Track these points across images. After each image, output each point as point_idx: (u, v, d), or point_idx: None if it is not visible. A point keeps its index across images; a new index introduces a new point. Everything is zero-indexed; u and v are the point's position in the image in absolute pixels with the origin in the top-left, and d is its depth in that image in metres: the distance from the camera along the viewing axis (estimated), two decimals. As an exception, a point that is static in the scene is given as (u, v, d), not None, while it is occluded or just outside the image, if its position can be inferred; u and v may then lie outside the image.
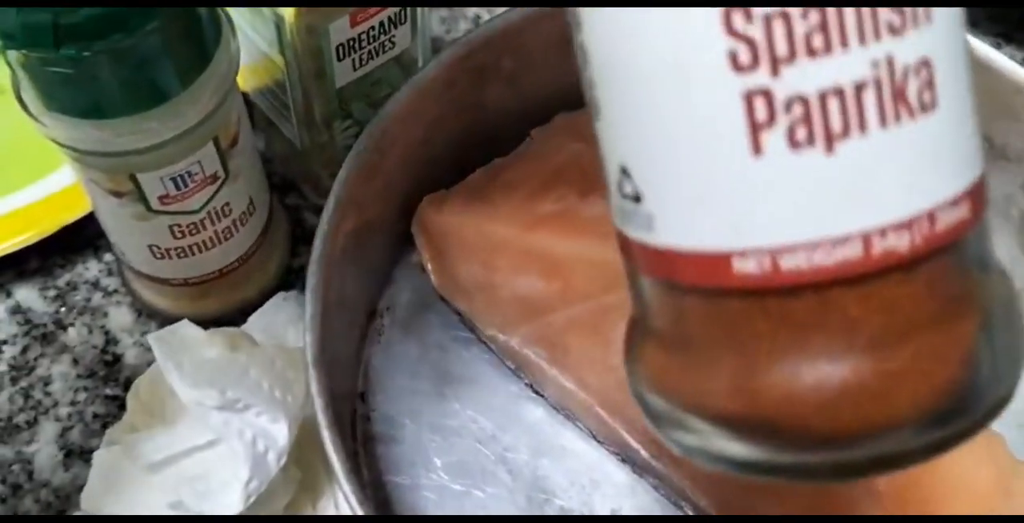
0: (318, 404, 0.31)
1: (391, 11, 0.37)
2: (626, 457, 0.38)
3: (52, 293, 0.43)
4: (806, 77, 0.18)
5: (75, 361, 0.42)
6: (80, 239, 0.44)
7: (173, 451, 0.30)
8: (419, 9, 0.38)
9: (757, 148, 0.19)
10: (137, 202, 0.34)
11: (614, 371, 0.36)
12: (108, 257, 0.44)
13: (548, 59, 0.42)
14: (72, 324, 0.43)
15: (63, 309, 0.43)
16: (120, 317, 0.43)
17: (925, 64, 0.19)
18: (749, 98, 0.19)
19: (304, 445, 0.33)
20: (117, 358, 0.42)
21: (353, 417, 0.39)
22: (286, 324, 0.37)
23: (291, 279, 0.43)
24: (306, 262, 0.34)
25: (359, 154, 0.37)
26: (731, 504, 0.36)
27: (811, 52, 0.18)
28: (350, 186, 0.37)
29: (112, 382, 0.41)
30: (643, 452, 0.37)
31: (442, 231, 0.40)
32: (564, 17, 0.22)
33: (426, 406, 0.40)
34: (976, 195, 0.20)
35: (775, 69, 0.18)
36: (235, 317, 0.41)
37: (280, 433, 0.31)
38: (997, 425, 0.38)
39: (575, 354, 0.37)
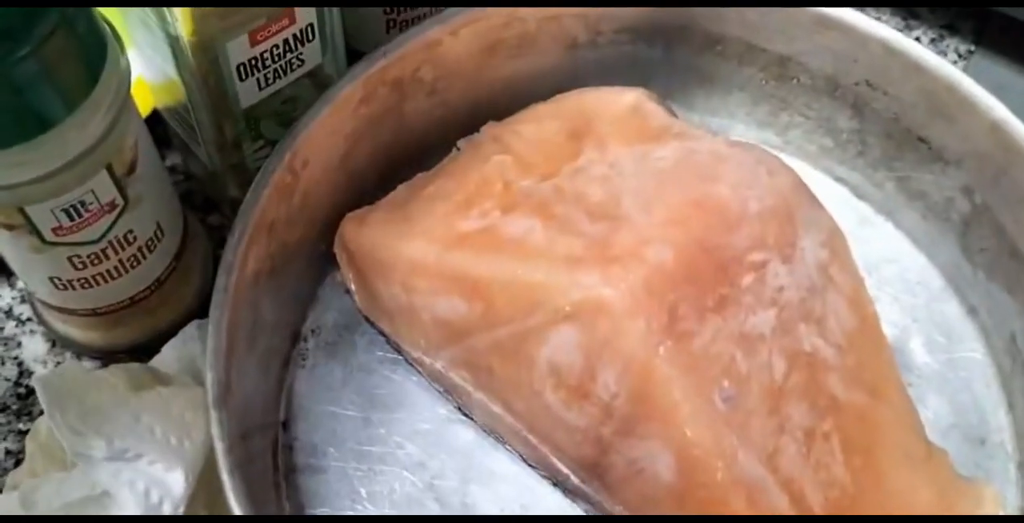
0: (220, 449, 0.30)
1: (296, 28, 0.35)
2: (557, 482, 0.37)
3: (-37, 323, 0.42)
4: None
5: (-13, 394, 0.40)
6: (-8, 265, 0.43)
7: (67, 500, 0.29)
8: (329, 23, 0.37)
9: None
10: (29, 234, 0.33)
11: (540, 396, 0.35)
12: (20, 284, 0.42)
13: (471, 67, 0.40)
14: (-16, 355, 0.41)
15: (-26, 340, 0.41)
16: (34, 347, 0.41)
17: None
18: None
19: (216, 486, 0.32)
20: (30, 391, 0.40)
21: (275, 448, 0.38)
22: (199, 355, 0.36)
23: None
24: (226, 285, 0.33)
25: (268, 174, 0.35)
26: (664, 530, 0.34)
27: None
28: (260, 209, 0.35)
29: (25, 417, 0.39)
30: (573, 477, 0.35)
31: (363, 250, 0.38)
32: None
33: (351, 433, 0.38)
34: None
35: None
36: (153, 344, 0.40)
37: (176, 482, 0.30)
38: (944, 440, 0.37)
39: (500, 378, 0.35)
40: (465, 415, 0.39)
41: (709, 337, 0.32)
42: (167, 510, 0.29)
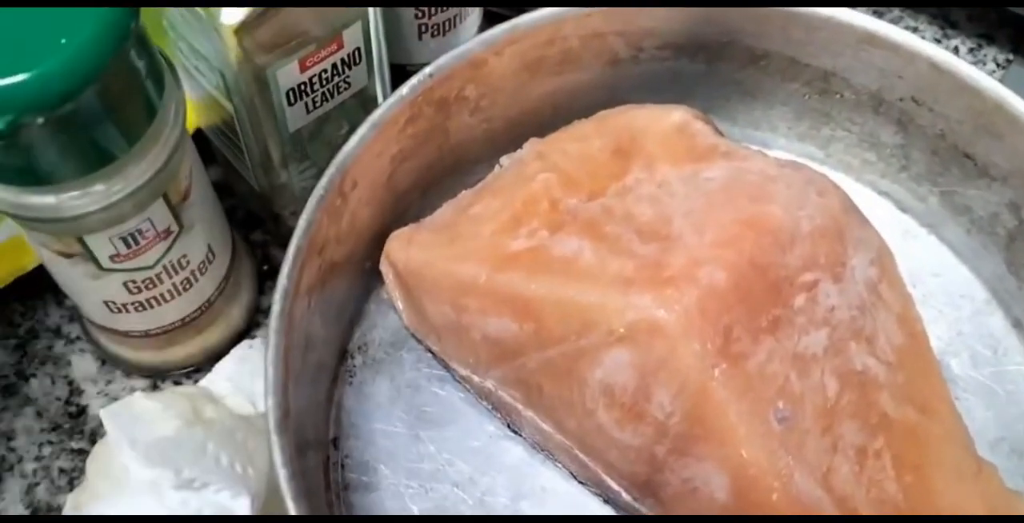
0: (283, 476, 0.30)
1: (344, 52, 0.36)
2: (608, 498, 0.37)
3: (12, 342, 0.42)
4: None
5: (39, 414, 0.40)
6: (39, 283, 0.43)
7: (137, 528, 0.29)
8: (375, 47, 0.37)
9: None
10: (87, 262, 0.33)
11: (592, 416, 0.35)
12: (69, 302, 0.43)
13: (514, 85, 0.40)
14: (34, 374, 0.41)
15: (24, 359, 0.42)
16: (83, 366, 0.41)
17: None
18: None
19: (277, 507, 0.32)
20: (82, 410, 0.41)
21: (326, 465, 0.38)
22: (252, 374, 0.36)
23: (260, 319, 0.42)
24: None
25: (319, 199, 0.35)
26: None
27: None
28: (311, 233, 0.35)
29: (78, 435, 0.40)
30: (625, 495, 0.36)
31: (409, 269, 0.38)
32: None
33: (401, 450, 0.39)
34: None
35: None
36: (201, 363, 0.40)
37: (242, 508, 0.30)
38: (992, 454, 0.37)
39: (551, 397, 0.36)
40: (514, 432, 0.39)
41: (763, 358, 0.33)
42: (235, 538, 0.30)
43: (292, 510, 0.30)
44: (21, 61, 0.27)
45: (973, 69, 0.36)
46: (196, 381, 0.39)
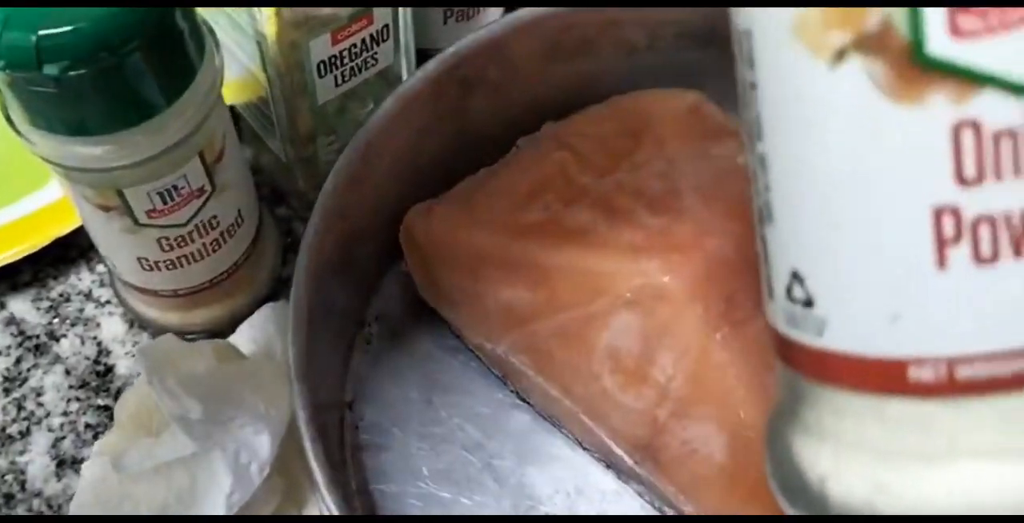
0: (301, 417, 0.32)
1: (374, 28, 0.37)
2: (611, 464, 0.39)
3: (45, 304, 0.44)
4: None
5: (67, 372, 0.42)
6: (73, 251, 0.45)
7: (158, 462, 0.31)
8: (402, 25, 0.39)
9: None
10: (124, 216, 0.35)
11: (598, 380, 0.36)
12: (101, 268, 0.44)
13: (533, 69, 0.42)
14: (65, 335, 0.43)
15: (56, 320, 0.43)
16: (112, 328, 0.43)
17: None
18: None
19: (288, 455, 0.34)
20: (109, 369, 0.42)
21: (341, 426, 0.40)
22: (274, 335, 0.38)
23: (280, 288, 0.44)
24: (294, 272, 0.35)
25: (345, 164, 0.37)
26: (717, 511, 0.36)
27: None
28: (336, 196, 0.37)
29: (104, 392, 0.42)
30: (627, 459, 0.37)
31: (429, 240, 0.40)
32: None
33: (414, 414, 0.40)
34: None
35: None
36: (225, 327, 0.42)
37: (263, 445, 0.32)
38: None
39: (560, 362, 0.37)
40: (523, 400, 0.40)
41: (764, 324, 0.34)
42: (254, 471, 0.31)
43: (309, 451, 0.32)
44: (75, 12, 0.28)
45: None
46: (222, 342, 0.41)
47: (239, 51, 0.38)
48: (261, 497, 0.32)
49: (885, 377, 0.20)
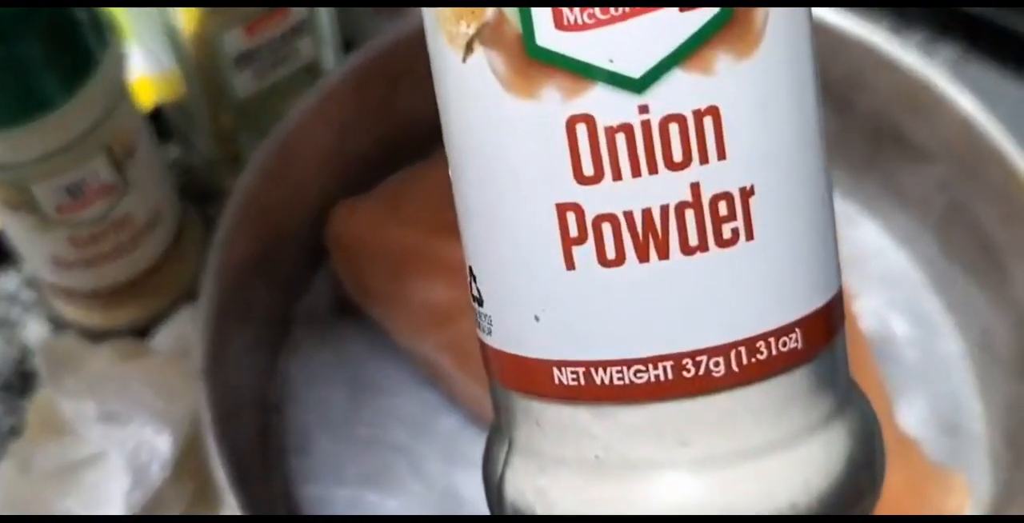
0: (205, 417, 0.31)
1: (292, 21, 0.37)
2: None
3: (-30, 306, 0.43)
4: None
5: (-9, 374, 0.41)
6: (-1, 251, 0.44)
7: (62, 463, 0.30)
8: (323, 18, 0.38)
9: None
10: (33, 213, 0.34)
11: (519, 378, 0.35)
12: (27, 270, 0.44)
13: (463, 63, 0.42)
14: (-11, 337, 0.42)
15: (-20, 322, 0.43)
16: (37, 329, 0.42)
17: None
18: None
19: (200, 456, 0.33)
20: (32, 371, 0.41)
21: (266, 428, 0.39)
22: (192, 335, 0.37)
23: (210, 289, 0.43)
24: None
25: (260, 161, 0.37)
26: None
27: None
28: (252, 194, 0.37)
29: (28, 395, 0.41)
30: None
31: (353, 239, 0.39)
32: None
33: (340, 416, 0.39)
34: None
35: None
36: (150, 326, 0.41)
37: (164, 444, 0.31)
38: (922, 429, 0.38)
39: (480, 361, 0.36)
40: (450, 401, 0.40)
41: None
42: (155, 470, 0.30)
43: (213, 450, 0.31)
44: (-42, 1, 0.28)
45: (901, 49, 0.37)
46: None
47: (156, 46, 0.38)
48: (168, 497, 0.31)
49: (536, 379, 0.19)
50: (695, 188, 0.18)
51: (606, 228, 0.18)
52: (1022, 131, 0.46)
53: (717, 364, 0.18)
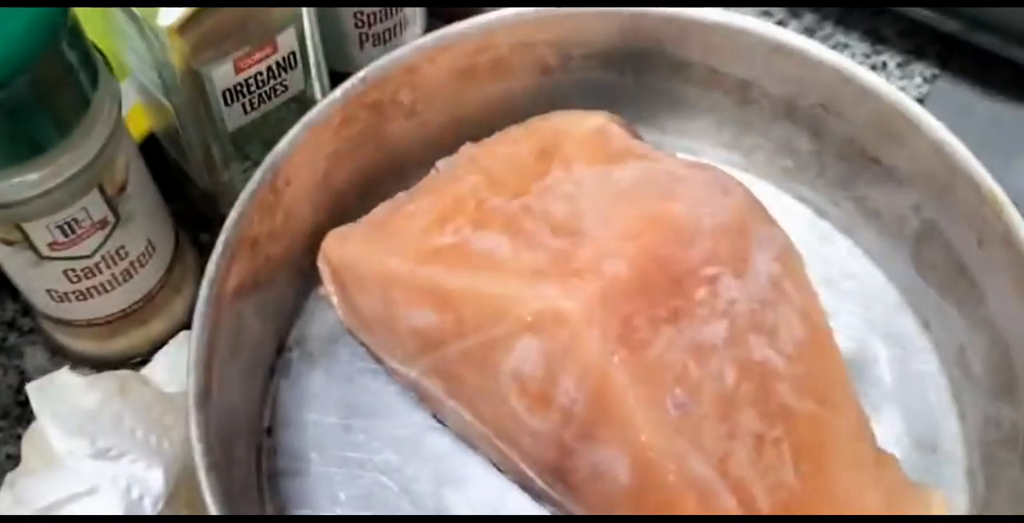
0: (197, 450, 0.32)
1: (279, 56, 0.38)
2: (525, 486, 0.39)
3: (-32, 334, 0.44)
4: None
5: (-11, 401, 0.42)
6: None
7: (57, 497, 0.31)
8: (311, 51, 0.39)
9: None
10: (27, 249, 0.35)
11: (506, 403, 0.36)
12: (24, 296, 0.44)
13: (448, 90, 0.42)
14: (-13, 364, 0.43)
15: (-22, 349, 0.43)
16: (35, 357, 0.43)
17: None
18: None
19: (194, 486, 0.34)
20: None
21: (258, 452, 0.40)
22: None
23: (204, 314, 0.44)
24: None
25: (250, 194, 0.37)
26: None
27: None
28: (243, 226, 0.37)
29: (25, 423, 0.42)
30: (539, 481, 0.37)
31: (343, 266, 0.40)
32: None
33: (332, 439, 0.40)
34: None
35: None
36: (145, 355, 0.42)
37: (155, 480, 0.32)
38: (897, 448, 0.39)
39: (470, 386, 0.37)
40: (440, 423, 0.40)
41: (662, 347, 0.34)
42: (147, 505, 0.31)
43: (204, 484, 0.32)
44: (-46, 51, 0.29)
45: (873, 76, 0.38)
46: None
47: (146, 80, 0.38)
48: (163, 527, 0.32)
49: None
50: None
51: None
52: (996, 147, 0.47)
53: None
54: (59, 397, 0.32)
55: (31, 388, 0.32)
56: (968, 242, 0.37)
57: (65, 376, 0.33)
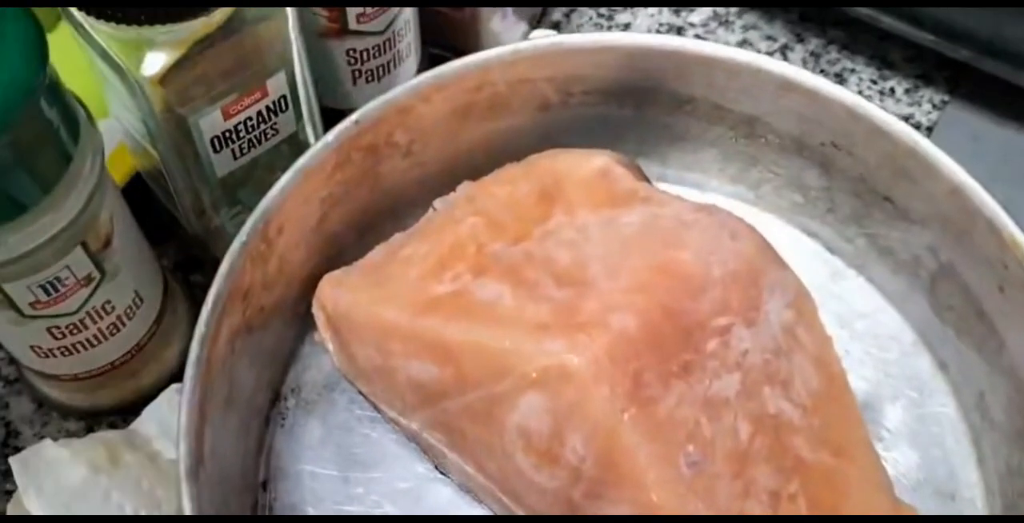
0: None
1: (269, 100, 0.36)
2: (531, 541, 0.38)
3: (-48, 385, 0.42)
4: None
5: (-25, 456, 0.41)
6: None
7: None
8: (303, 94, 0.37)
9: None
10: (8, 309, 0.34)
11: (511, 459, 0.35)
12: (9, 346, 0.43)
13: (444, 129, 0.41)
14: (-28, 417, 0.42)
15: (-37, 401, 0.42)
16: (20, 408, 0.42)
17: None
18: None
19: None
20: (18, 451, 0.41)
21: (254, 509, 0.38)
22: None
23: (195, 361, 0.42)
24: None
25: (242, 246, 0.36)
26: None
27: None
28: (234, 279, 0.36)
29: (12, 481, 0.40)
30: (546, 538, 0.36)
31: (339, 312, 0.39)
32: None
33: (329, 493, 0.39)
34: None
35: None
36: (137, 405, 0.40)
37: (147, 555, 0.31)
38: (915, 495, 0.38)
39: (472, 441, 0.36)
40: (443, 474, 0.39)
41: (673, 403, 0.33)
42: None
43: (198, 556, 0.30)
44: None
45: (887, 115, 0.36)
46: (130, 423, 0.40)
47: (130, 127, 0.37)
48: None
49: None
50: None
51: None
52: (1010, 175, 0.46)
53: None
54: (45, 472, 0.30)
55: (14, 462, 0.31)
56: (988, 287, 0.36)
57: (50, 449, 0.32)
